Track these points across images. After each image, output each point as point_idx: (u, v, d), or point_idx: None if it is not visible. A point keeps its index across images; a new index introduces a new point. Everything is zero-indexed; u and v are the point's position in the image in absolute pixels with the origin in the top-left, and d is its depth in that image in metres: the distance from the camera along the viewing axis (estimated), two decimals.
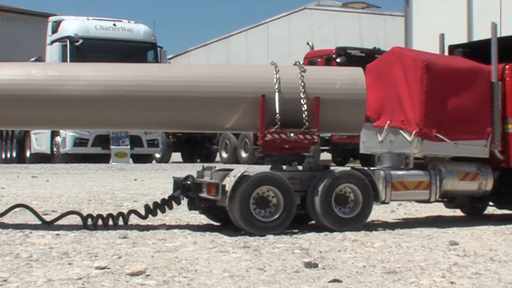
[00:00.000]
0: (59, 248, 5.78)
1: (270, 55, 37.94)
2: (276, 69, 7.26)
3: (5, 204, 9.07)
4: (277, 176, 6.93)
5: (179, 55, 42.59)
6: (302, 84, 7.19)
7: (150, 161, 25.77)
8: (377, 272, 5.06)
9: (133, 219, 7.54)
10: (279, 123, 7.10)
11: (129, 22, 25.44)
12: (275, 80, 7.18)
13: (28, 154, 26.44)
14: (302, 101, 7.14)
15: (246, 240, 6.32)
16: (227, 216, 7.06)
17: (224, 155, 26.71)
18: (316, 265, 5.21)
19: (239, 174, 6.77)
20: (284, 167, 7.30)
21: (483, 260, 5.60)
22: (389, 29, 32.85)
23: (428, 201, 7.96)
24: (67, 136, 23.07)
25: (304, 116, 7.14)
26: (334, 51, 22.64)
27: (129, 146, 23.60)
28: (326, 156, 23.79)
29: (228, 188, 6.74)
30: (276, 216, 6.85)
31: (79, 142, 23.14)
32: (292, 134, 7.13)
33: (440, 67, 7.88)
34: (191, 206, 7.27)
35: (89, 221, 7.14)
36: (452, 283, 4.74)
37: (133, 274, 4.79)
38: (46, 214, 8.12)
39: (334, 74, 7.60)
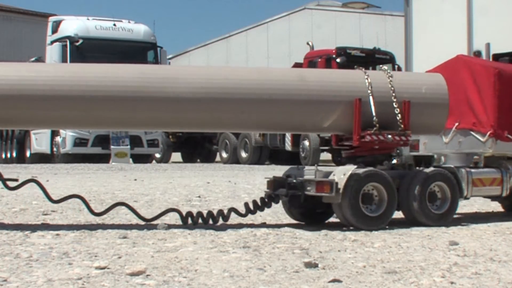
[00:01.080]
0: (59, 248, 5.78)
1: (270, 55, 38.01)
2: (366, 74, 7.61)
3: (5, 204, 9.06)
4: (383, 173, 7.32)
5: (179, 55, 42.62)
6: (392, 88, 7.57)
7: (150, 161, 25.77)
8: (377, 272, 5.06)
9: (133, 219, 7.55)
10: (377, 125, 7.46)
11: (129, 22, 25.46)
12: (367, 84, 7.51)
13: (28, 154, 26.45)
14: (394, 104, 7.53)
15: (246, 240, 6.32)
16: (314, 214, 7.66)
17: (224, 155, 26.72)
18: (316, 265, 5.21)
19: (350, 172, 7.12)
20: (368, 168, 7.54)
21: (483, 260, 5.60)
22: (389, 29, 32.88)
23: (499, 197, 8.60)
24: (67, 136, 23.07)
25: (398, 118, 7.52)
26: (334, 51, 22.63)
27: (129, 146, 23.58)
28: (326, 156, 23.74)
29: (340, 185, 7.05)
30: (382, 211, 7.25)
31: (79, 142, 23.13)
32: (389, 136, 7.49)
33: (508, 73, 8.55)
34: (293, 204, 7.45)
35: (189, 220, 7.25)
36: (452, 283, 4.74)
37: (133, 274, 4.79)
38: (46, 214, 8.12)
39: (418, 79, 8.11)
